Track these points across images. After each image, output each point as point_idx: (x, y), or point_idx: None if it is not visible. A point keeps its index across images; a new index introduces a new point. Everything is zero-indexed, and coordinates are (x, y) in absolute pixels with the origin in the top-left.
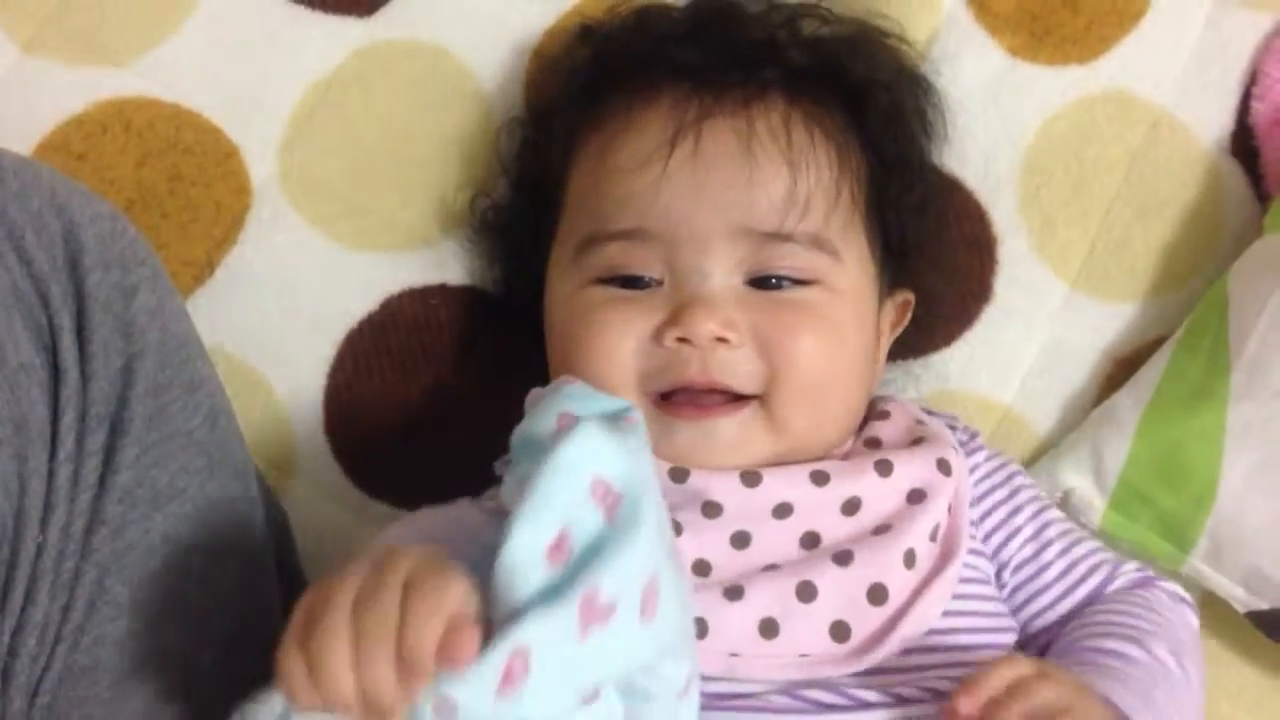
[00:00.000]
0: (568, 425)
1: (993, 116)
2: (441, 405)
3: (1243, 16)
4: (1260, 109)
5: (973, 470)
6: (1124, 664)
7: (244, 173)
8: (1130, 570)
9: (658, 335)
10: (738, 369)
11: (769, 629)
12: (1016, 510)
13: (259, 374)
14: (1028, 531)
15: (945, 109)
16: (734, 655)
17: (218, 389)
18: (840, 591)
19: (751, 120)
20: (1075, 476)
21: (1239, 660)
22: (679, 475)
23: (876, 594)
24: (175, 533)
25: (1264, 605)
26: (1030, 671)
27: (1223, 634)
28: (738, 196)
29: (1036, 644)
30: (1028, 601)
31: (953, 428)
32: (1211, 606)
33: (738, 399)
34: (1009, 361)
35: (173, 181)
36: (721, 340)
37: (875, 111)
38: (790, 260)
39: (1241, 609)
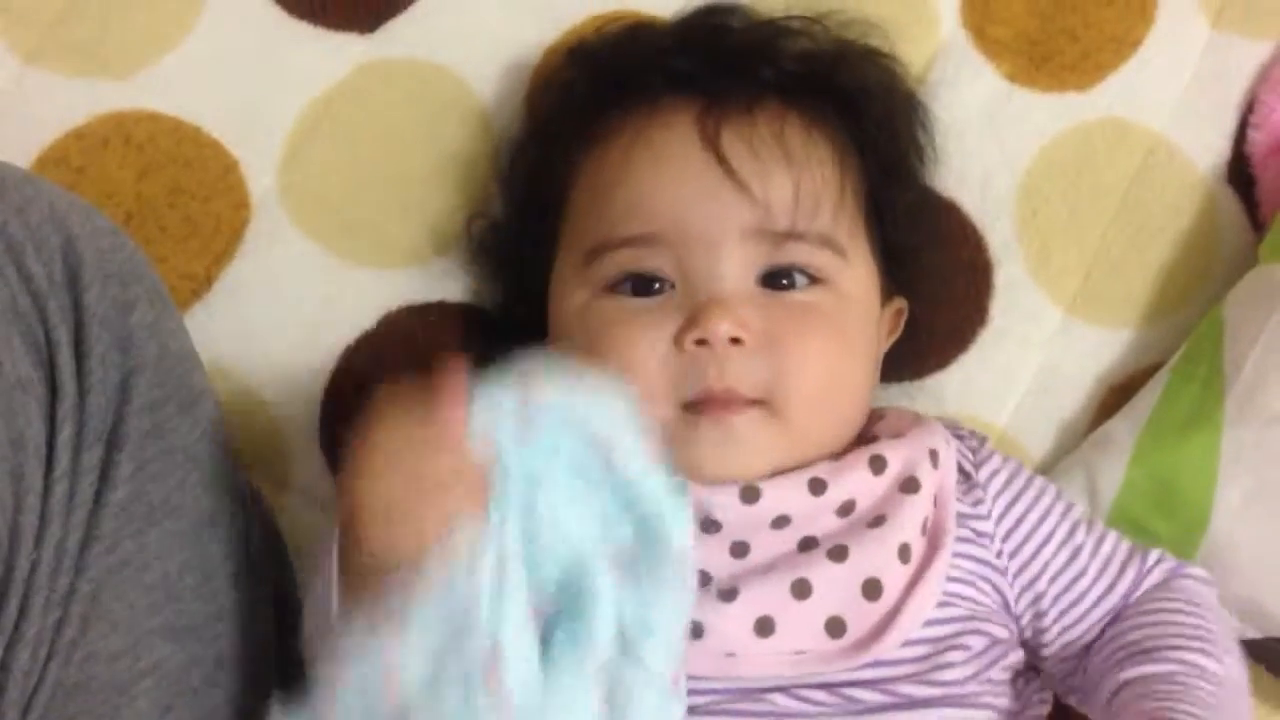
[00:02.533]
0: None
1: (990, 142)
2: None
3: (1241, 45)
4: (1257, 138)
5: (993, 476)
6: (1206, 681)
7: (243, 187)
8: (1154, 559)
9: (678, 340)
10: (744, 375)
11: (764, 627)
12: (1045, 515)
13: (256, 388)
14: (1060, 535)
15: (935, 128)
16: (730, 655)
17: (215, 404)
18: (835, 587)
19: (754, 123)
20: None
21: None
22: None
23: (871, 589)
24: (170, 548)
25: (1258, 635)
26: None
27: None
28: (748, 199)
29: (1077, 644)
30: (1070, 607)
31: (959, 435)
32: None
33: (750, 402)
34: (1004, 386)
35: (172, 195)
36: (735, 341)
37: (868, 117)
38: (802, 257)
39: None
